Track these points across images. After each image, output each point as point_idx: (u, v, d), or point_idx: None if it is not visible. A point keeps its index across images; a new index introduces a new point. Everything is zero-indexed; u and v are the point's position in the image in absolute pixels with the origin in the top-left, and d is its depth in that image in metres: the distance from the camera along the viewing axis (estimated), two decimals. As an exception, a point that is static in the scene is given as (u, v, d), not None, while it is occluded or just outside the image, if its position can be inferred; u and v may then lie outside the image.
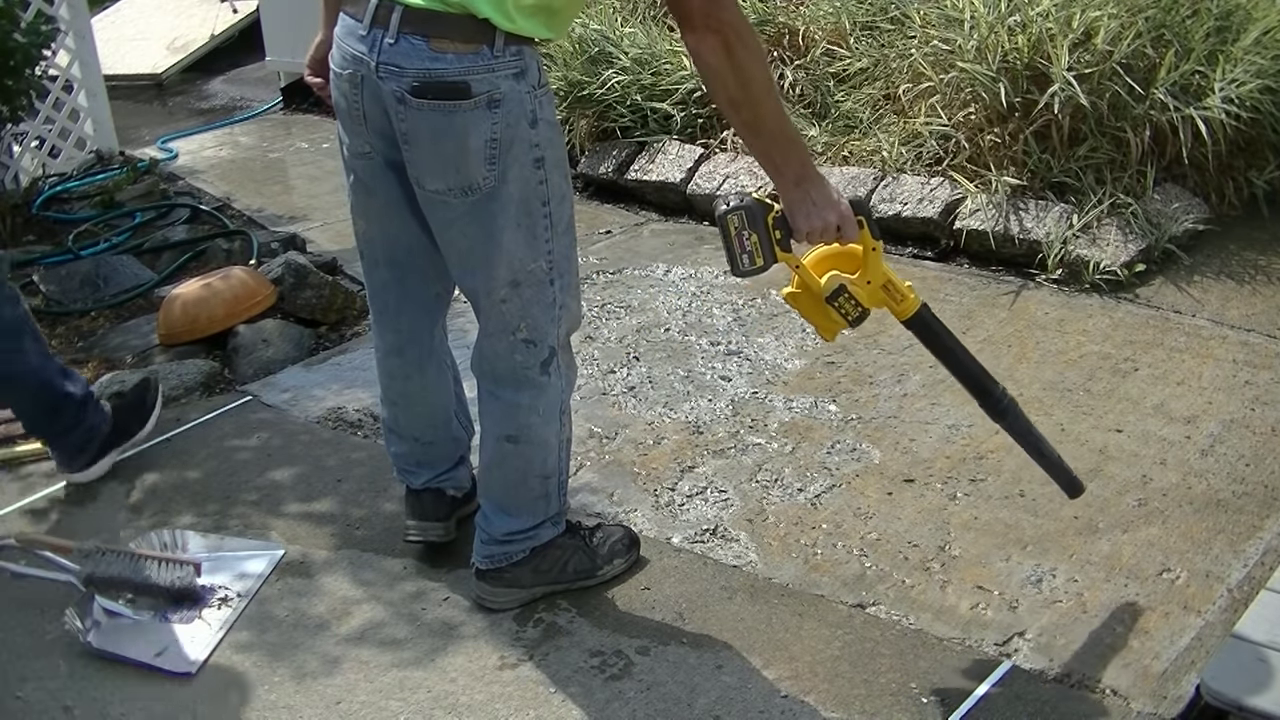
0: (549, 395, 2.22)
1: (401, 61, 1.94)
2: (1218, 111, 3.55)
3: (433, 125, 1.96)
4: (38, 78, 4.68)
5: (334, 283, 3.86)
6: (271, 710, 2.16)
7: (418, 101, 1.95)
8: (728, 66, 1.91)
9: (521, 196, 2.03)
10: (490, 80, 1.93)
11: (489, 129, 1.95)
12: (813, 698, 2.09)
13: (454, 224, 2.07)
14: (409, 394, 2.43)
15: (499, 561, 2.34)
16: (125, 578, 2.43)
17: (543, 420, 2.23)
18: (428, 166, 2.02)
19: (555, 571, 2.36)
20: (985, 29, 3.79)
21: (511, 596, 2.35)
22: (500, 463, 2.27)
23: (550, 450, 2.27)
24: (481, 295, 2.14)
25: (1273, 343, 3.15)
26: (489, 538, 2.33)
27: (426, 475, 2.49)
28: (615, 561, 2.42)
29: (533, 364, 2.18)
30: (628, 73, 4.68)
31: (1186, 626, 2.18)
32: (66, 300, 4.01)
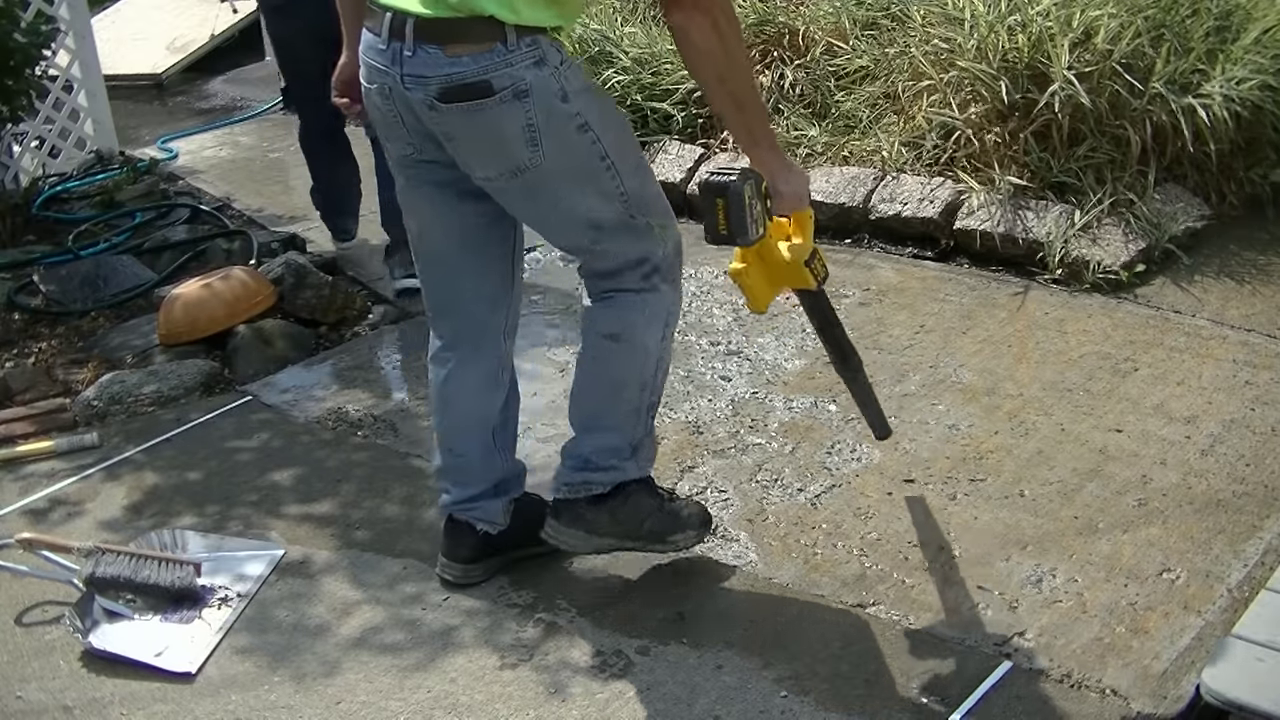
0: (654, 300, 2.24)
1: (423, 71, 1.99)
2: (1219, 102, 3.54)
3: (465, 125, 2.03)
4: (38, 78, 4.68)
5: (334, 283, 3.86)
6: (271, 710, 2.16)
7: (446, 106, 2.01)
8: (717, 44, 1.99)
9: (575, 163, 2.09)
10: (511, 74, 1.97)
11: (522, 117, 2.00)
12: (813, 698, 2.09)
13: (518, 199, 2.16)
14: (448, 396, 2.40)
15: (579, 490, 2.31)
16: (125, 578, 2.44)
17: (646, 322, 2.25)
18: (475, 159, 2.09)
19: (631, 525, 2.34)
20: (985, 28, 3.79)
21: (580, 539, 2.33)
22: (597, 361, 2.29)
23: (649, 356, 2.27)
24: (570, 246, 2.28)
25: (1273, 343, 3.15)
26: (574, 459, 2.33)
27: (456, 496, 2.42)
28: (688, 532, 2.40)
29: (635, 274, 2.22)
30: (628, 73, 4.68)
31: (1186, 626, 2.18)
32: (66, 300, 4.01)
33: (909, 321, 3.39)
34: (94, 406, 3.27)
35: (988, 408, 2.93)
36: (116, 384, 3.34)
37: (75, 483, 2.94)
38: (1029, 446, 2.77)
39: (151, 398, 3.30)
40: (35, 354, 3.73)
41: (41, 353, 3.73)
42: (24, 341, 3.81)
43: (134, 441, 3.11)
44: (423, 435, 3.06)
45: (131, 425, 3.20)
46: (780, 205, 2.17)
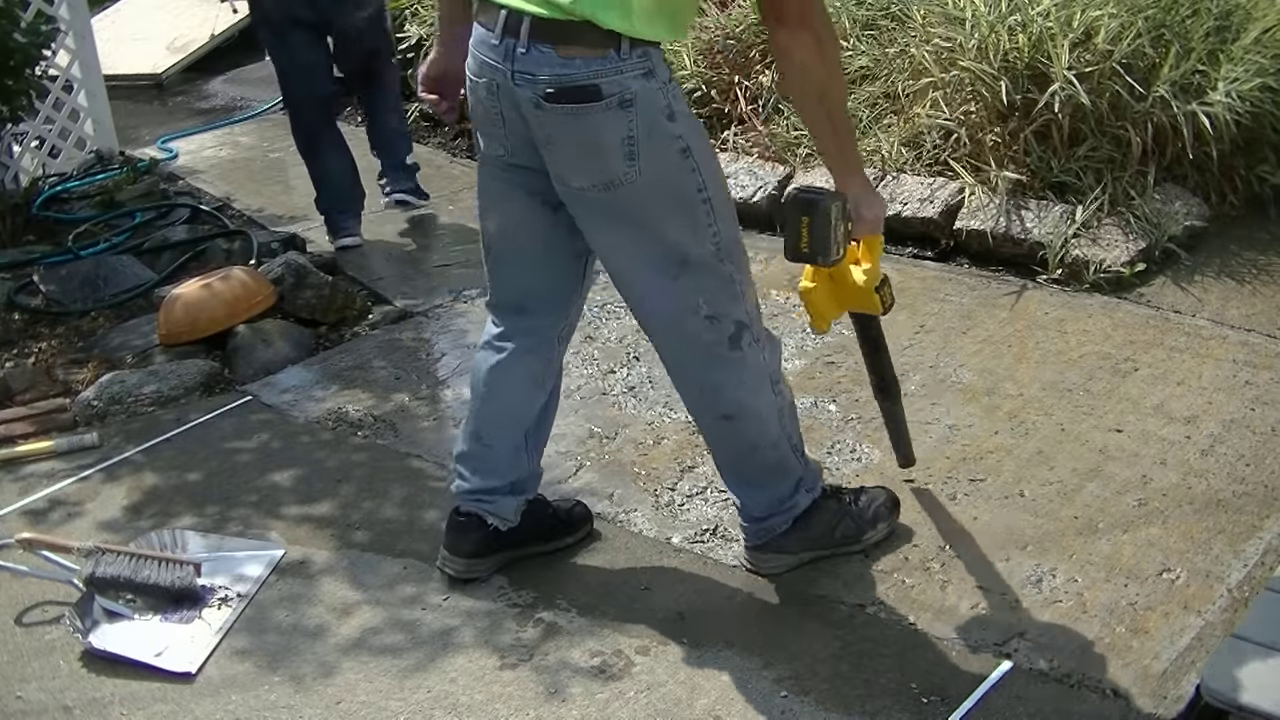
0: (749, 369, 2.23)
1: (534, 69, 2.01)
2: (1220, 108, 3.54)
3: (569, 127, 2.03)
4: (38, 78, 4.68)
5: (334, 283, 3.86)
6: (271, 710, 2.16)
7: (552, 106, 2.01)
8: (819, 63, 2.02)
9: (671, 187, 2.08)
10: (620, 82, 1.98)
11: (624, 127, 2.01)
12: (813, 698, 2.09)
13: (603, 218, 2.14)
14: (492, 385, 2.38)
15: (762, 537, 2.38)
16: (125, 578, 2.44)
17: (750, 393, 2.25)
18: (570, 166, 2.08)
19: (823, 537, 2.39)
20: (986, 28, 3.78)
21: (780, 562, 2.39)
22: (725, 442, 2.33)
23: (768, 420, 2.28)
24: (642, 283, 2.19)
25: (1273, 343, 3.14)
26: (747, 516, 2.38)
27: (474, 485, 2.41)
28: (879, 526, 2.45)
29: (719, 341, 2.20)
30: (628, 73, 4.67)
31: (1186, 626, 2.18)
32: (66, 300, 4.01)
33: (909, 321, 3.39)
34: (94, 406, 3.27)
35: (988, 408, 2.93)
36: (116, 384, 3.34)
37: (75, 483, 2.94)
38: (1029, 446, 2.77)
39: (151, 398, 3.30)
40: (35, 354, 3.73)
41: (41, 353, 3.73)
42: (24, 341, 3.81)
43: (134, 442, 3.11)
44: (423, 436, 3.06)
45: (131, 425, 3.20)
46: (859, 228, 2.19)
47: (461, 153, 5.59)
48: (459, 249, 4.33)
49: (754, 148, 4.40)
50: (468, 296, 3.88)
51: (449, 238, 4.47)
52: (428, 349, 3.55)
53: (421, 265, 4.21)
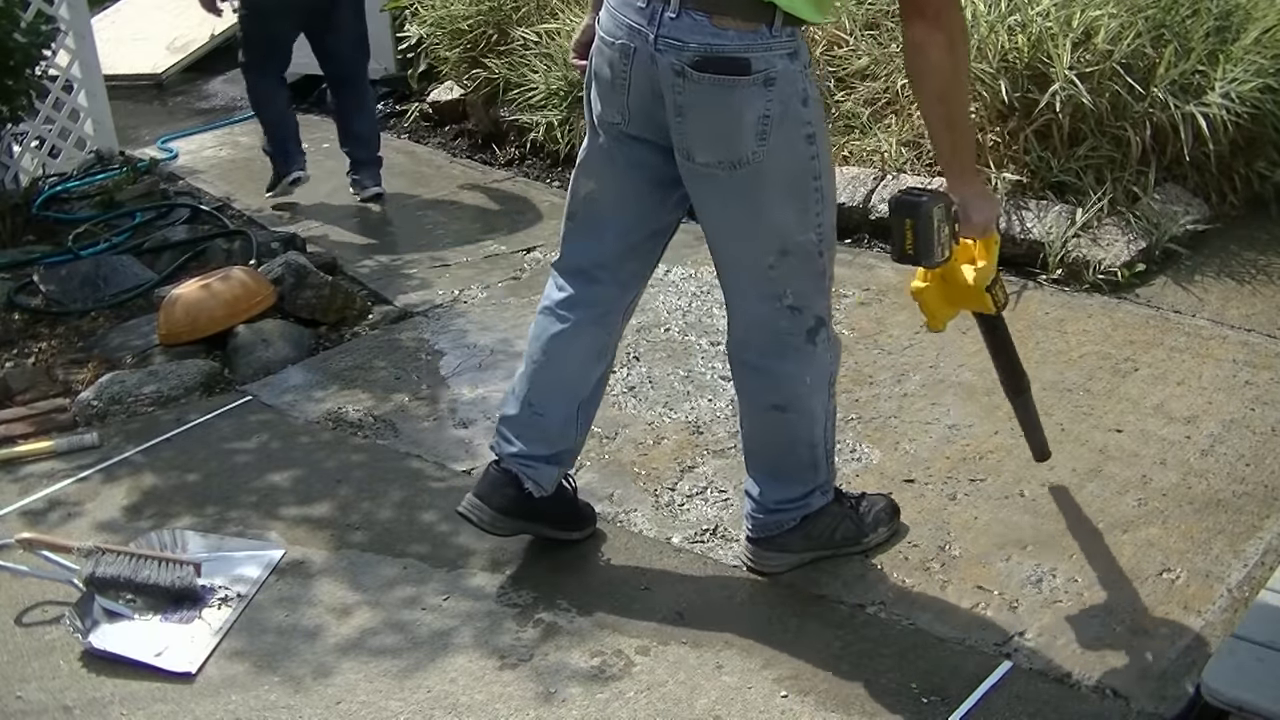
0: (817, 365, 2.26)
1: (683, 35, 2.00)
2: (1218, 109, 3.54)
3: (709, 99, 2.02)
4: (38, 78, 4.68)
5: (334, 283, 3.86)
6: (271, 710, 2.16)
7: (698, 75, 2.00)
8: (948, 63, 2.03)
9: (791, 171, 2.09)
10: (767, 59, 1.99)
11: (763, 105, 2.01)
12: (813, 698, 2.09)
13: (720, 196, 2.13)
14: (552, 353, 2.38)
15: (769, 530, 2.37)
16: (125, 578, 2.44)
17: (810, 390, 2.26)
18: (699, 139, 2.07)
19: (824, 538, 2.39)
20: (985, 28, 3.79)
21: (781, 561, 2.39)
22: (768, 431, 2.32)
23: (817, 420, 2.30)
24: (747, 265, 2.19)
25: (1273, 343, 3.14)
26: (760, 507, 2.37)
27: (519, 450, 2.40)
28: (880, 530, 2.45)
29: (798, 331, 2.22)
30: (628, 72, 4.67)
31: (1186, 626, 2.18)
32: (66, 300, 4.01)
33: (909, 321, 3.39)
34: (93, 407, 3.26)
35: (988, 408, 2.93)
36: (116, 384, 3.33)
37: (75, 483, 2.94)
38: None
39: (151, 398, 3.30)
40: (35, 354, 3.73)
41: (41, 353, 3.73)
42: (24, 341, 3.81)
43: (133, 442, 3.11)
44: (422, 436, 3.06)
45: (131, 425, 3.20)
46: (970, 230, 2.20)
47: (461, 153, 5.59)
48: (459, 249, 4.34)
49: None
50: (468, 297, 3.89)
51: (449, 237, 4.47)
52: (427, 349, 3.55)
53: (421, 265, 4.21)
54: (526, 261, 4.15)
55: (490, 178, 5.19)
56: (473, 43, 5.45)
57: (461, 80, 5.67)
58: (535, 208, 4.73)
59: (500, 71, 5.22)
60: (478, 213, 4.73)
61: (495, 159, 5.41)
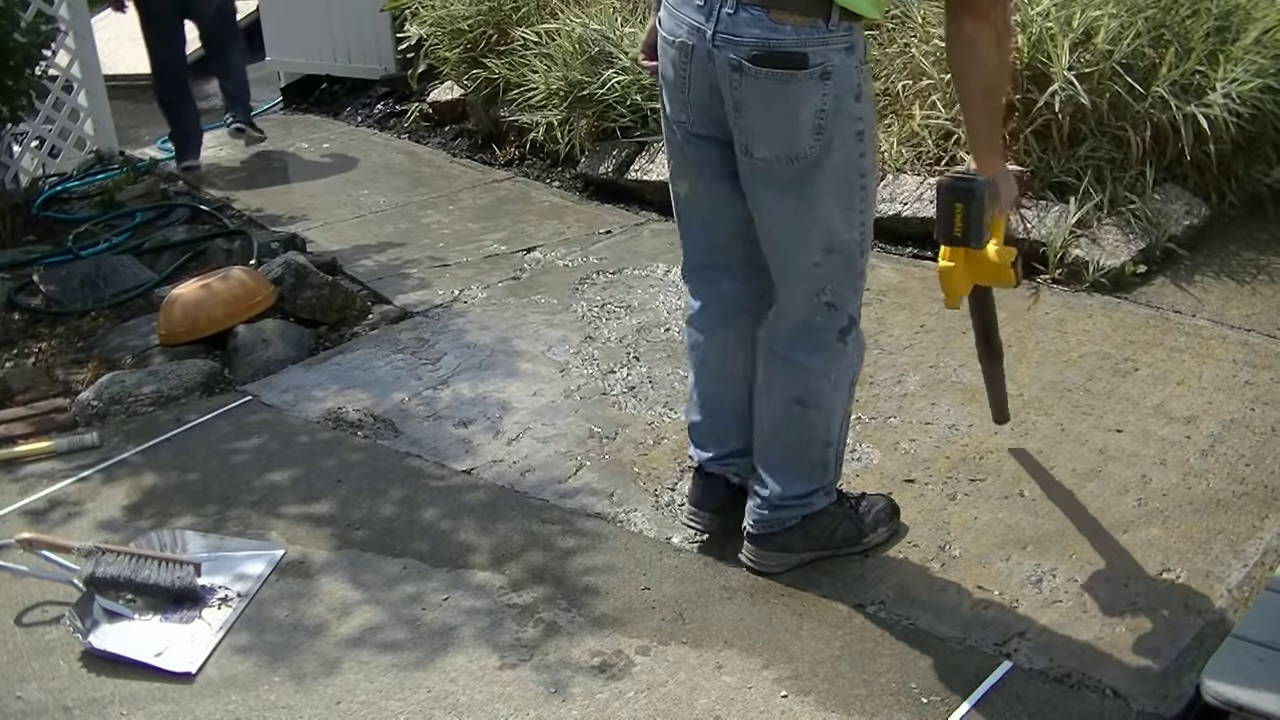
0: (843, 363, 2.29)
1: (740, 31, 2.03)
2: (1219, 109, 3.54)
3: (767, 93, 2.04)
4: (38, 78, 4.68)
5: (334, 283, 3.86)
6: (271, 710, 2.16)
7: (755, 70, 2.02)
8: (994, 56, 2.10)
9: (841, 168, 2.11)
10: (824, 53, 2.01)
11: (819, 100, 2.03)
12: (813, 698, 2.09)
13: (774, 192, 2.16)
14: (705, 357, 2.46)
15: (770, 526, 2.38)
16: (125, 578, 2.43)
17: (833, 387, 2.29)
18: (757, 134, 2.10)
19: (824, 538, 2.40)
20: (985, 29, 3.78)
21: (781, 560, 2.40)
22: (785, 426, 2.33)
23: (835, 418, 2.33)
24: (792, 260, 2.21)
25: (1273, 343, 3.14)
26: (764, 502, 2.37)
27: (714, 453, 2.49)
28: (879, 530, 2.46)
29: (831, 328, 2.26)
30: (628, 73, 4.68)
31: (1186, 626, 2.18)
32: (66, 300, 4.01)
33: (909, 321, 3.39)
34: (93, 407, 3.26)
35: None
36: (116, 384, 3.33)
37: (74, 483, 2.94)
38: (1029, 446, 2.77)
39: (151, 398, 3.30)
40: (35, 354, 3.73)
41: (41, 353, 3.73)
42: (24, 341, 3.81)
43: (133, 442, 3.11)
44: (422, 436, 3.06)
45: (131, 425, 3.20)
46: (1000, 210, 2.27)
47: (461, 153, 5.60)
48: (459, 248, 4.34)
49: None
50: (468, 297, 3.89)
51: (449, 237, 4.47)
52: (427, 349, 3.55)
53: (421, 265, 4.21)
54: (526, 261, 4.15)
55: (490, 178, 5.19)
56: (473, 43, 5.46)
57: (461, 80, 5.67)
58: (535, 208, 4.73)
59: (500, 71, 5.22)
60: (478, 213, 4.73)
61: (495, 159, 5.42)
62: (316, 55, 6.75)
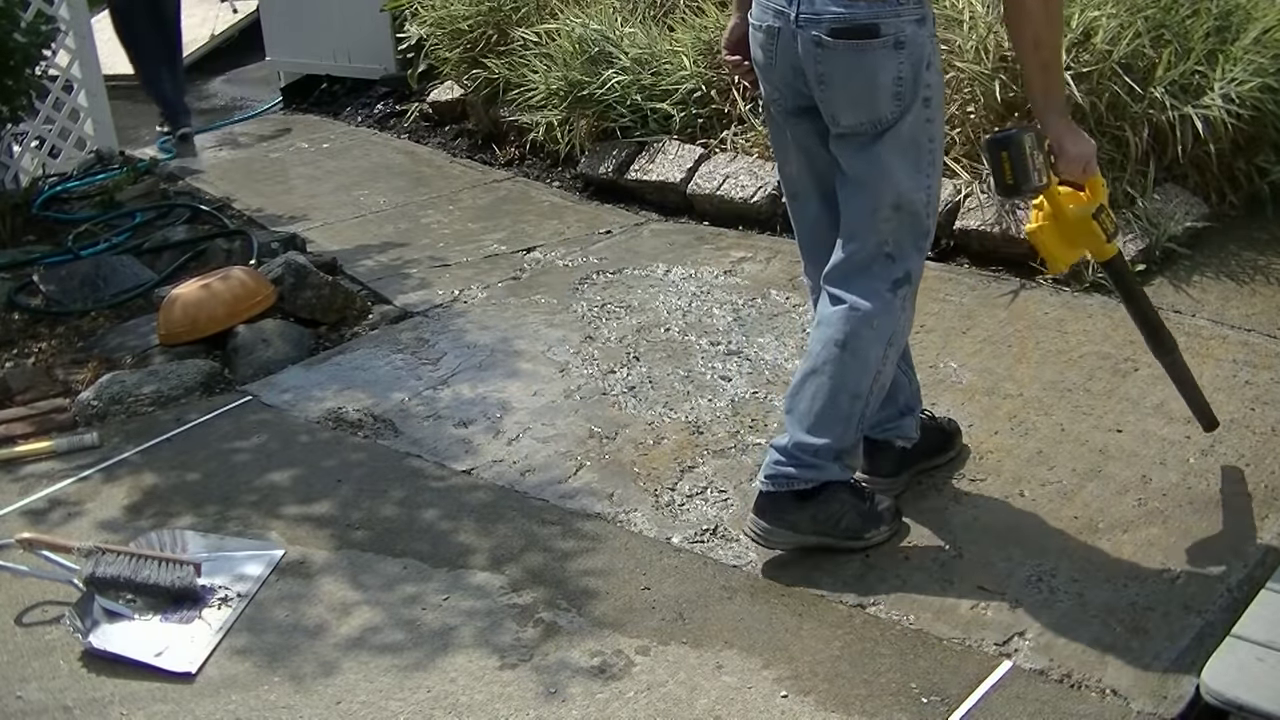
0: (888, 316, 2.36)
1: (819, 10, 2.20)
2: (1218, 110, 3.54)
3: (847, 65, 2.21)
4: (38, 78, 4.68)
5: (334, 283, 3.86)
6: (271, 710, 2.16)
7: (834, 43, 2.19)
8: (1043, 12, 2.20)
9: (912, 132, 2.27)
10: (896, 24, 2.17)
11: (895, 67, 2.19)
12: (813, 698, 2.09)
13: (859, 156, 2.30)
14: None
15: (780, 485, 2.40)
16: (125, 578, 2.44)
17: (875, 336, 2.36)
18: (842, 104, 2.26)
19: (830, 524, 2.43)
20: (984, 28, 3.79)
21: (785, 538, 2.43)
22: (820, 369, 2.39)
23: (868, 372, 2.37)
24: (860, 215, 2.33)
25: (1273, 343, 3.14)
26: (780, 453, 2.41)
27: (876, 419, 2.52)
28: (881, 528, 2.49)
29: (886, 278, 2.34)
30: (628, 73, 4.68)
31: (1186, 626, 2.18)
32: (66, 300, 4.01)
33: (909, 321, 3.38)
34: (93, 407, 3.26)
35: (987, 408, 2.93)
36: (116, 384, 3.33)
37: (74, 483, 2.94)
38: (1029, 446, 2.77)
39: (151, 398, 3.30)
40: (35, 354, 3.73)
41: (41, 353, 3.73)
42: (24, 341, 3.81)
43: (133, 442, 3.11)
44: (422, 436, 3.06)
45: (131, 425, 3.20)
46: (1067, 166, 2.29)
47: (461, 153, 5.60)
48: (459, 248, 4.34)
49: (754, 148, 4.40)
50: (467, 297, 3.89)
51: (449, 237, 4.47)
52: (427, 349, 3.55)
53: (421, 265, 4.21)
54: (526, 261, 4.15)
55: (490, 178, 5.20)
56: (473, 43, 5.45)
57: (461, 80, 5.67)
58: (535, 208, 4.73)
59: (500, 71, 5.22)
60: (478, 213, 4.73)
61: (495, 159, 5.42)
62: (316, 55, 6.75)
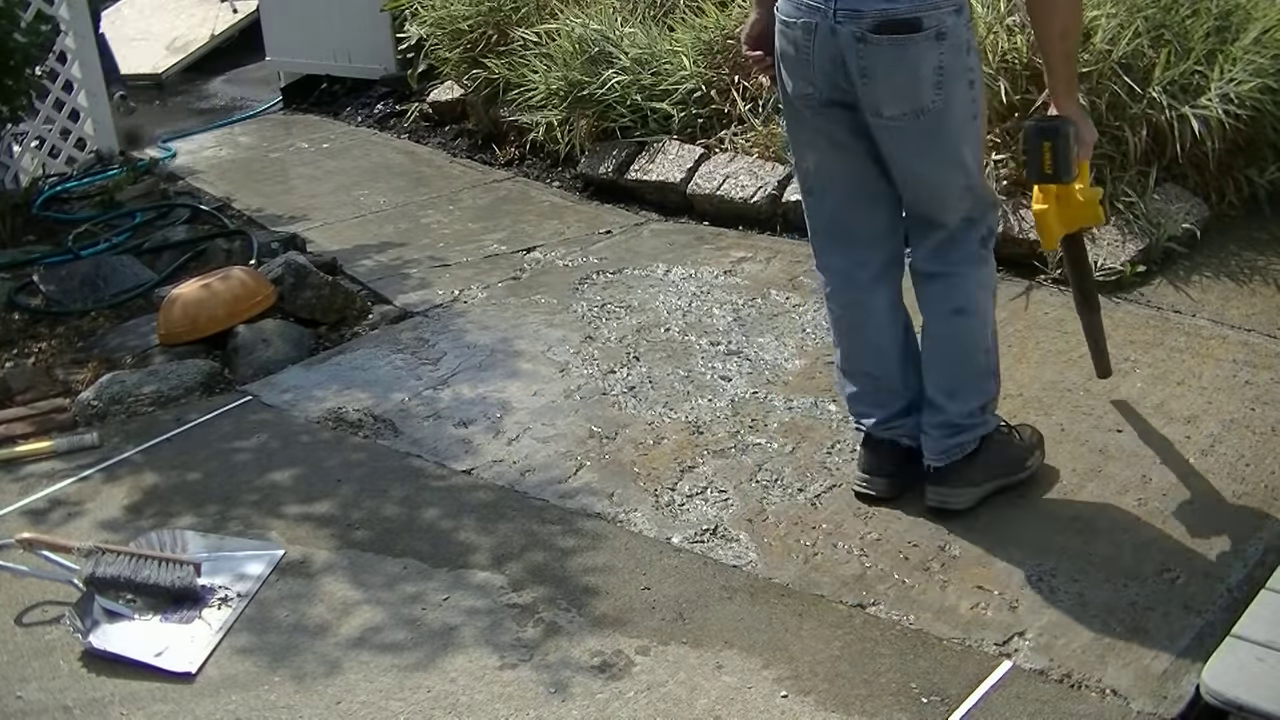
0: (987, 269, 2.51)
1: (859, 6, 2.24)
2: (1216, 111, 3.54)
3: (889, 58, 2.25)
4: (38, 78, 4.68)
5: (334, 283, 3.86)
6: (271, 710, 2.16)
7: (876, 38, 2.24)
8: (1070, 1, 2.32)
9: (960, 115, 2.34)
10: (936, 16, 2.23)
11: (936, 58, 2.25)
12: (813, 698, 2.09)
13: (907, 142, 2.36)
14: (858, 324, 2.58)
15: (954, 455, 2.51)
16: (125, 578, 2.44)
17: (984, 291, 2.50)
18: (884, 96, 2.30)
19: (999, 464, 2.56)
20: (984, 28, 3.79)
21: (970, 494, 2.53)
22: (948, 339, 2.51)
23: (987, 324, 2.52)
24: (932, 196, 2.43)
25: (1273, 343, 3.14)
26: (942, 429, 2.52)
27: (880, 416, 2.59)
28: (1036, 454, 2.64)
29: (974, 238, 2.47)
30: (628, 73, 4.68)
31: (1186, 626, 2.18)
32: (66, 300, 4.01)
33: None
34: (93, 407, 3.26)
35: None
36: (116, 384, 3.33)
37: (75, 483, 2.94)
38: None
39: (151, 398, 3.30)
40: (35, 354, 3.73)
41: (41, 353, 3.73)
42: (24, 341, 3.81)
43: (133, 442, 3.11)
44: (422, 435, 3.06)
45: (131, 425, 3.20)
46: (1083, 150, 2.42)
47: (461, 153, 5.60)
48: (459, 248, 4.34)
49: (754, 148, 4.40)
50: (468, 297, 3.89)
51: (449, 237, 4.47)
52: (427, 349, 3.55)
53: (421, 265, 4.21)
54: (526, 261, 4.15)
55: (490, 178, 5.20)
56: (473, 43, 5.45)
57: (461, 80, 5.67)
58: (535, 208, 4.73)
59: (500, 71, 5.22)
60: (478, 213, 4.74)
61: (495, 159, 5.42)
62: (316, 55, 6.75)
